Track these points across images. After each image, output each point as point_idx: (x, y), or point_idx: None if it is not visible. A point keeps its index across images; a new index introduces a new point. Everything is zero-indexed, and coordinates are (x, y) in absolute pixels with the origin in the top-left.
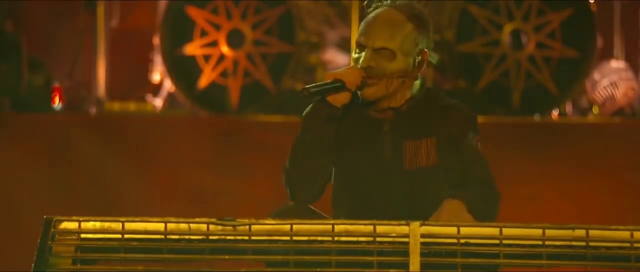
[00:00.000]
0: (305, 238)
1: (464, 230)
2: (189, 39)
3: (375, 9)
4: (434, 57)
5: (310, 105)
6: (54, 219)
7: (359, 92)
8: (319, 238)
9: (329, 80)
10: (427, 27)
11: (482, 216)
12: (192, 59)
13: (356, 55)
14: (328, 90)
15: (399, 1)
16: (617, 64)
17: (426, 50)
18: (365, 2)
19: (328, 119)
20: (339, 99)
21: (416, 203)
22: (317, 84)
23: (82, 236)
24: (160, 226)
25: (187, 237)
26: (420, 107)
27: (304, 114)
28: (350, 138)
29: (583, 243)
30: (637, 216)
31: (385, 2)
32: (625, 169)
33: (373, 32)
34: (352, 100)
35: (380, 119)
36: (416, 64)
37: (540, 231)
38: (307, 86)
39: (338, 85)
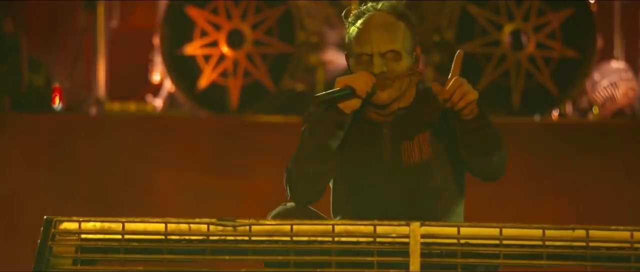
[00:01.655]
0: (306, 238)
1: (464, 230)
2: (189, 39)
3: (358, 17)
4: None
5: (318, 108)
6: (54, 219)
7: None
8: (319, 238)
9: (339, 88)
10: (413, 23)
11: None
12: (192, 59)
13: (361, 66)
14: (339, 98)
15: (381, 3)
16: (617, 64)
17: (418, 45)
18: (346, 12)
19: (337, 125)
20: (349, 105)
21: (415, 201)
22: (328, 91)
23: (83, 236)
24: (160, 227)
25: (187, 237)
26: (418, 105)
27: (305, 114)
28: (350, 141)
29: (583, 243)
30: (638, 217)
31: (370, 6)
32: (625, 169)
33: (374, 39)
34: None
35: (379, 121)
36: (415, 60)
37: (541, 231)
38: (318, 94)
39: (348, 93)
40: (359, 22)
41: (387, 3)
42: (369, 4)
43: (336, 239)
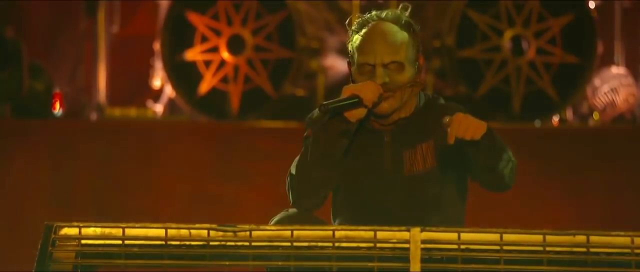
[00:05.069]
0: (306, 244)
1: (465, 236)
2: (189, 44)
3: (362, 26)
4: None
5: (324, 116)
6: (55, 224)
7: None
8: (320, 244)
9: (346, 96)
10: (417, 33)
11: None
12: (192, 64)
13: (363, 76)
14: (346, 107)
15: (385, 12)
16: (617, 70)
17: (421, 55)
18: (352, 21)
19: (342, 133)
20: (355, 114)
21: (416, 209)
22: (335, 100)
23: (83, 242)
24: (160, 232)
25: (187, 243)
26: (419, 115)
27: (307, 120)
28: (351, 148)
29: (584, 249)
30: (638, 222)
31: (374, 15)
32: (625, 175)
33: (378, 49)
34: None
35: (381, 130)
36: (417, 70)
37: (541, 236)
38: (325, 103)
39: (355, 101)
40: (363, 31)
41: (392, 12)
42: (373, 13)
43: (337, 244)
